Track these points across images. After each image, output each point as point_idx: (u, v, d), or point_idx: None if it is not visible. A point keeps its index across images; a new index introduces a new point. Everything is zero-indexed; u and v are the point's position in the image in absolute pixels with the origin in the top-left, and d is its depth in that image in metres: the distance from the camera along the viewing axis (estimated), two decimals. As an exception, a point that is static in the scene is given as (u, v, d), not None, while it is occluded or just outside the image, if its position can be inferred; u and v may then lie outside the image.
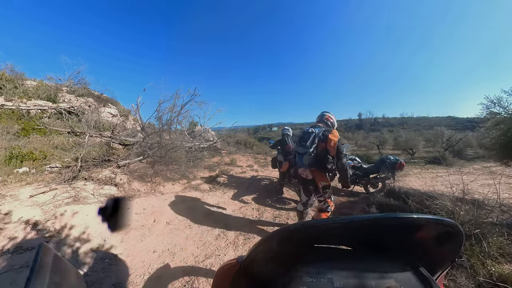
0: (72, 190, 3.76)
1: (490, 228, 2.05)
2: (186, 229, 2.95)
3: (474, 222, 2.08)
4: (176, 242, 2.58)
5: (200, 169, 6.35)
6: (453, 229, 0.45)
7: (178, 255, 2.32)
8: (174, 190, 4.71)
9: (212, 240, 2.70)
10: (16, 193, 3.35)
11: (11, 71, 8.63)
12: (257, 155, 9.23)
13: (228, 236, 2.82)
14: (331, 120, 2.59)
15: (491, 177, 4.94)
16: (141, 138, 6.39)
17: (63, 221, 2.79)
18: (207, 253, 2.40)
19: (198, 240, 2.67)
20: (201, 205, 3.85)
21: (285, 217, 3.50)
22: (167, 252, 2.37)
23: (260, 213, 3.65)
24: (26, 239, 2.37)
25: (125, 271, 2.00)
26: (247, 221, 3.30)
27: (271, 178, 5.99)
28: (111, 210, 0.90)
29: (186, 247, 2.49)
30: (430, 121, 34.29)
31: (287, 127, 4.90)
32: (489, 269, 1.71)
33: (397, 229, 0.45)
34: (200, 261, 2.24)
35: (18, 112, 6.69)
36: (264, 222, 3.28)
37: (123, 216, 0.94)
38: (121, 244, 2.46)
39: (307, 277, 0.43)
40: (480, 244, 1.89)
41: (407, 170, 6.39)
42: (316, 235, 0.45)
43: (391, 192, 4.05)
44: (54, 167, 4.84)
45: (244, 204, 4.05)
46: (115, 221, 0.91)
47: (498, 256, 1.83)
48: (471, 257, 1.83)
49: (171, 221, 3.18)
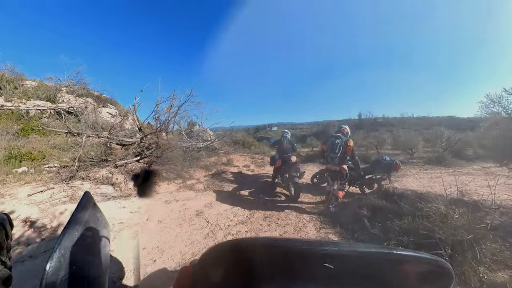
0: (69, 189, 3.89)
1: (484, 233, 1.97)
2: (176, 227, 3.07)
3: (468, 228, 2.00)
4: (166, 240, 2.70)
5: (196, 169, 6.46)
6: (442, 269, 0.39)
7: (167, 253, 2.44)
8: (169, 190, 4.82)
9: (201, 239, 2.81)
10: (14, 192, 3.47)
11: (11, 71, 8.76)
12: (254, 155, 9.26)
13: (216, 235, 2.93)
14: (346, 130, 3.87)
15: (490, 177, 4.79)
16: (138, 139, 6.51)
17: (60, 220, 2.92)
18: (194, 251, 2.52)
19: (187, 238, 2.79)
20: (194, 204, 3.97)
21: (276, 217, 3.54)
22: (156, 249, 2.50)
23: (251, 213, 3.74)
24: (23, 237, 2.49)
25: (116, 266, 2.12)
26: (237, 221, 3.42)
27: (264, 176, 6.10)
28: (142, 179, 1.05)
29: (175, 245, 2.61)
30: (430, 121, 34.18)
31: (287, 130, 5.49)
32: (481, 276, 1.65)
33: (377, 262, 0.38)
34: (187, 259, 2.36)
35: (17, 113, 6.81)
36: (254, 223, 3.39)
37: (151, 186, 1.09)
38: (113, 241, 2.58)
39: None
40: (473, 250, 1.81)
41: (405, 171, 6.34)
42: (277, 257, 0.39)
43: (385, 193, 4.00)
44: (52, 167, 4.97)
45: (235, 204, 4.16)
46: (143, 189, 1.06)
47: (491, 263, 1.76)
48: (463, 264, 1.76)
49: (163, 219, 3.30)
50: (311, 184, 5.33)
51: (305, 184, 5.38)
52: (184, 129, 9.60)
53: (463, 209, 2.22)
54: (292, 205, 4.10)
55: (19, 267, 1.97)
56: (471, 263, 1.75)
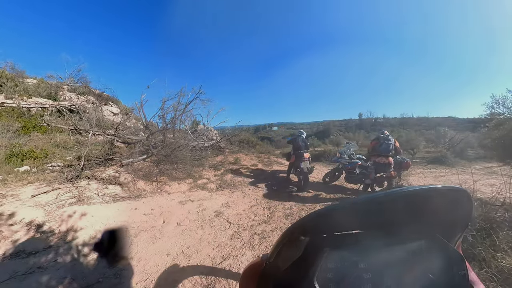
0: (75, 190, 3.61)
1: (499, 224, 2.10)
2: (198, 229, 2.79)
3: (484, 217, 2.16)
4: (190, 244, 2.41)
5: (204, 168, 6.19)
6: (462, 193, 0.46)
7: (194, 258, 2.16)
8: (180, 190, 4.55)
9: (227, 240, 2.55)
10: (17, 193, 3.18)
11: (12, 69, 8.45)
12: (260, 154, 9.05)
13: (242, 236, 2.67)
14: (387, 133, 4.58)
15: (493, 176, 4.89)
16: (144, 137, 6.23)
17: (68, 223, 2.63)
18: (224, 254, 2.25)
19: (213, 241, 2.52)
20: (211, 205, 3.70)
21: (297, 216, 3.42)
22: (181, 254, 2.21)
23: (271, 212, 3.51)
24: (29, 242, 2.20)
25: (139, 276, 1.84)
26: (259, 220, 3.16)
27: (274, 174, 6.04)
28: (107, 243, 0.78)
29: (201, 248, 2.33)
30: (430, 121, 34.29)
31: (302, 130, 5.98)
32: (499, 261, 1.74)
33: (407, 203, 0.45)
34: (218, 263, 2.08)
35: (18, 110, 6.51)
36: (276, 221, 3.15)
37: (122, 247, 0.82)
38: (131, 247, 2.29)
39: (332, 263, 0.43)
40: (490, 238, 1.94)
41: (410, 170, 6.41)
42: (331, 222, 0.45)
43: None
44: (55, 166, 4.67)
45: (254, 204, 3.90)
46: (113, 255, 0.79)
47: (508, 249, 1.87)
48: (483, 250, 1.86)
49: (182, 221, 3.02)
50: (322, 183, 5.42)
51: (316, 183, 5.52)
52: (190, 127, 9.32)
53: (477, 202, 2.40)
54: (312, 200, 4.10)
55: (30, 279, 1.68)
56: (489, 250, 1.88)
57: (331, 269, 0.43)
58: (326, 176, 5.38)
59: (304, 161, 4.91)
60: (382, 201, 0.43)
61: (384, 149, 4.34)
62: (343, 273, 0.43)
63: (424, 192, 0.44)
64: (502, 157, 4.57)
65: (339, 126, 39.54)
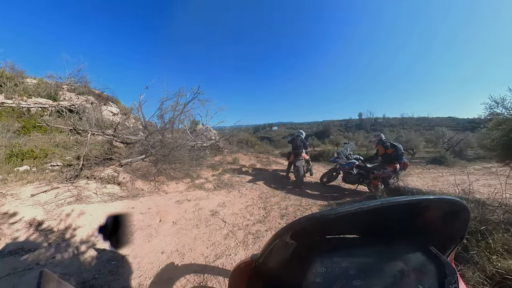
0: (74, 189, 3.67)
1: (495, 226, 2.09)
2: (193, 229, 2.85)
3: (480, 219, 2.14)
4: (185, 243, 2.48)
5: (203, 168, 6.25)
6: (459, 206, 0.45)
7: (188, 256, 2.22)
8: (178, 189, 4.61)
9: (221, 239, 2.61)
10: (17, 192, 3.25)
11: (11, 69, 8.50)
12: (259, 154, 9.10)
13: (237, 235, 2.73)
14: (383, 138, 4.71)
15: (492, 177, 4.93)
16: (143, 137, 6.29)
17: (67, 222, 2.69)
18: (217, 253, 2.31)
19: (207, 240, 2.58)
20: (207, 204, 3.76)
21: (292, 216, 3.46)
22: (176, 252, 2.27)
23: (267, 212, 3.57)
24: (28, 240, 2.26)
25: (133, 273, 1.90)
26: (254, 220, 3.22)
27: (273, 173, 6.00)
28: (111, 228, 0.86)
29: (195, 247, 2.39)
30: (430, 121, 34.31)
31: (302, 130, 6.26)
32: (495, 264, 1.73)
33: (403, 213, 0.45)
34: (211, 262, 2.14)
35: (18, 110, 6.58)
36: (271, 221, 3.20)
37: (125, 232, 0.90)
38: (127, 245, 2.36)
39: (322, 267, 0.43)
40: (486, 241, 1.92)
41: (409, 170, 6.42)
42: (324, 226, 0.45)
43: (395, 191, 4.07)
44: (55, 166, 4.74)
45: (250, 203, 3.96)
46: (117, 238, 0.87)
47: (503, 252, 1.86)
48: (478, 253, 1.85)
49: (178, 220, 3.08)
50: (319, 183, 5.47)
51: (313, 183, 5.61)
52: (188, 127, 9.37)
53: (474, 204, 2.39)
54: (309, 201, 4.18)
55: (28, 276, 1.75)
56: (485, 252, 1.86)
57: (320, 273, 0.43)
58: (324, 176, 5.43)
59: (300, 159, 5.15)
60: (376, 209, 0.41)
61: (400, 156, 4.43)
62: (332, 279, 0.43)
63: (420, 202, 0.43)
64: (502, 157, 4.61)
65: (339, 126, 39.53)
